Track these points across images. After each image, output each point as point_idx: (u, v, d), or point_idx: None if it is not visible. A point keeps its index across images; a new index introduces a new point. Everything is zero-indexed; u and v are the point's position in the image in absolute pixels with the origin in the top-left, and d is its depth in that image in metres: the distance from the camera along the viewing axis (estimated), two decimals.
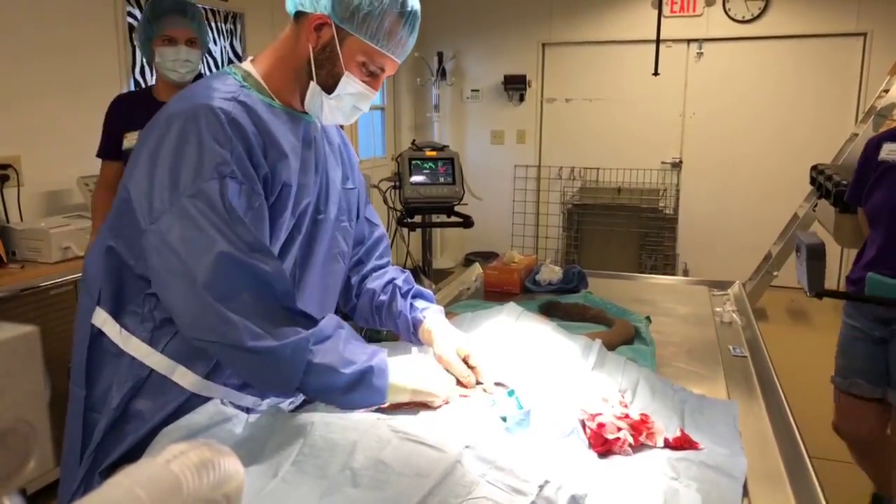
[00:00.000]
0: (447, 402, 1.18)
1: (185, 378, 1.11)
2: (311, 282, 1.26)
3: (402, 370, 1.15)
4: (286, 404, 1.22)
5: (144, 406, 1.10)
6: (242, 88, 1.14)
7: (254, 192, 1.07)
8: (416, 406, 1.16)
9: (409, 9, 1.15)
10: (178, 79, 2.27)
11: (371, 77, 1.18)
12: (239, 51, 4.14)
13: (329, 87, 1.17)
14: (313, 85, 1.17)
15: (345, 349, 1.08)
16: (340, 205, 1.33)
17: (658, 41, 2.81)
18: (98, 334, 1.13)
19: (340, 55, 1.14)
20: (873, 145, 2.23)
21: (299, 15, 1.17)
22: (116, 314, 1.12)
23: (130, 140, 2.21)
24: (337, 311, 1.46)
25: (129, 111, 2.30)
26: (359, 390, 1.08)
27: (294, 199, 1.16)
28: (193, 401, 1.11)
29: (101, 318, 1.13)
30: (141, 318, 1.10)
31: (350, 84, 1.16)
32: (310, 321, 1.07)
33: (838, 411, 2.33)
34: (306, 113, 1.23)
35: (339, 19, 1.12)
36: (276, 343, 1.01)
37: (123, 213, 1.08)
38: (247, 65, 1.21)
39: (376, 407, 1.12)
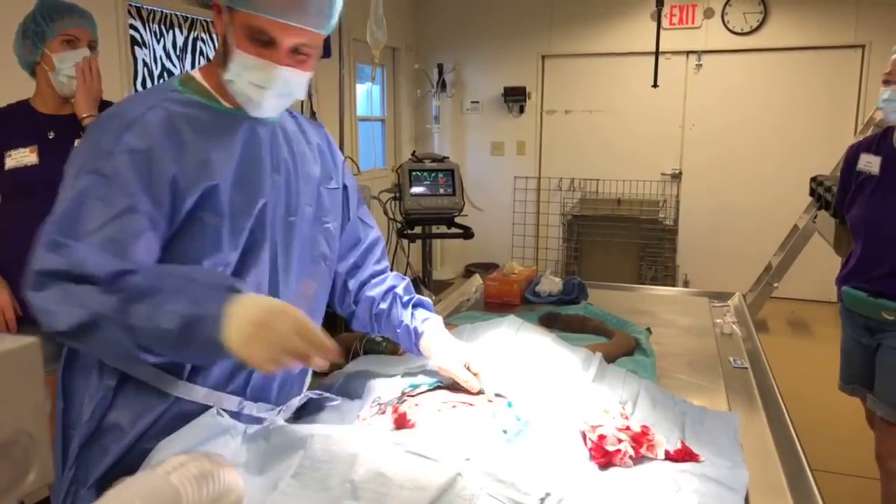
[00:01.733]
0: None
1: (168, 383, 1.10)
2: (292, 286, 1.23)
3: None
4: (283, 417, 1.22)
5: (120, 417, 1.09)
6: (174, 93, 1.13)
7: (125, 194, 1.03)
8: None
9: None
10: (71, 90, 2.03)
11: (266, 48, 1.09)
12: None
13: (228, 70, 1.12)
14: (221, 73, 1.13)
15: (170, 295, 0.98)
16: (320, 205, 1.29)
17: (657, 53, 2.82)
18: (72, 353, 1.13)
19: (231, 34, 1.10)
20: (853, 153, 2.24)
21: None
22: None
23: (15, 158, 2.00)
24: (331, 314, 1.45)
25: (8, 127, 2.05)
26: (193, 334, 0.96)
27: (240, 198, 1.12)
28: (176, 406, 1.10)
29: None
30: None
31: (239, 58, 1.09)
32: (119, 279, 1.00)
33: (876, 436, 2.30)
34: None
35: None
36: (86, 315, 0.96)
37: None
38: (195, 70, 1.20)
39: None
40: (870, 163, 2.14)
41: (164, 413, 1.10)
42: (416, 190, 3.77)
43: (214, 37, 3.92)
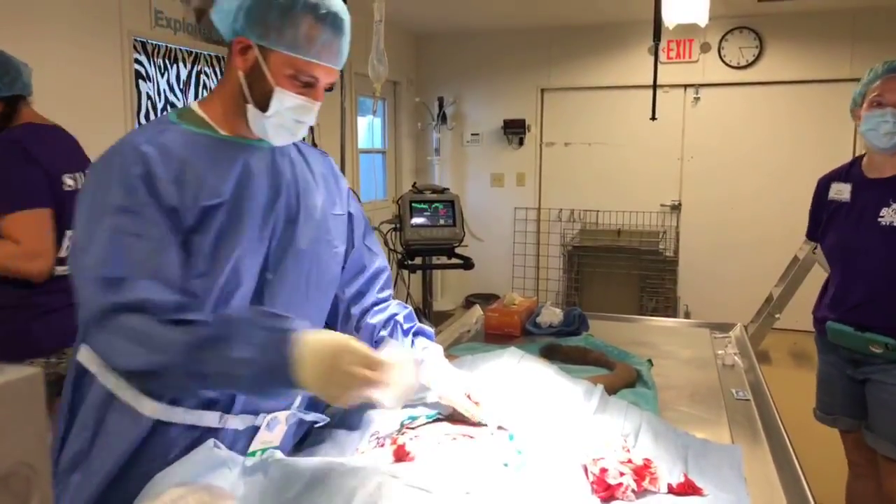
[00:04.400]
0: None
1: (148, 407, 1.09)
2: (292, 303, 1.23)
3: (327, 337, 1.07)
4: (280, 448, 1.21)
5: (105, 444, 1.10)
6: (171, 125, 1.16)
7: (151, 223, 1.07)
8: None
9: (323, 11, 1.14)
10: None
11: (307, 87, 1.17)
12: None
13: (264, 106, 1.16)
14: (250, 108, 1.17)
15: (243, 336, 1.03)
16: (324, 231, 1.31)
17: (655, 87, 2.86)
18: (82, 371, 1.13)
19: (268, 72, 1.14)
20: (823, 184, 2.25)
21: (230, 44, 1.18)
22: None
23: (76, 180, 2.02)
24: None
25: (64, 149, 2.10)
26: (267, 371, 1.00)
27: (229, 219, 1.14)
28: (157, 432, 1.10)
29: (85, 355, 1.13)
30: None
31: (284, 98, 1.16)
32: (193, 324, 1.04)
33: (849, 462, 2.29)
34: (261, 140, 1.23)
35: (256, 37, 1.13)
36: (158, 358, 1.01)
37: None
38: (192, 103, 1.24)
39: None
40: (840, 191, 2.15)
41: (146, 440, 1.10)
42: (417, 221, 3.79)
43: (218, 70, 3.98)
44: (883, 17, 4.94)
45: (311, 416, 1.27)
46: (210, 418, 1.14)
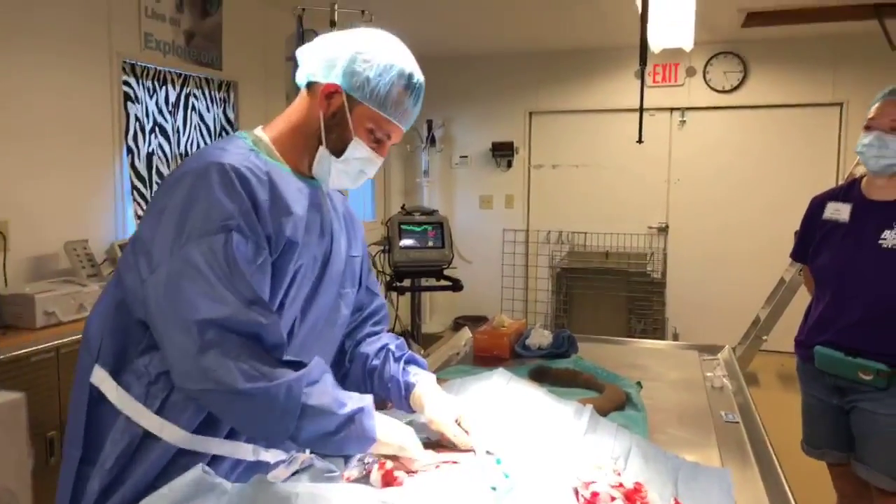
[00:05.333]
0: (425, 469, 1.16)
1: (174, 434, 1.09)
2: (307, 342, 1.26)
3: (389, 424, 1.18)
4: (270, 476, 1.19)
5: (137, 468, 1.08)
6: (252, 151, 1.18)
7: (259, 246, 1.10)
8: (397, 466, 1.15)
9: (414, 81, 1.23)
10: None
11: (378, 143, 1.24)
12: (232, 118, 4.22)
13: (338, 151, 1.22)
14: (322, 149, 1.22)
15: (335, 392, 1.11)
16: (345, 271, 1.34)
17: (641, 110, 2.89)
18: (98, 394, 1.11)
19: (350, 121, 1.20)
20: (817, 204, 2.22)
21: (311, 85, 1.23)
22: (116, 372, 1.11)
23: None
24: None
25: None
26: (351, 433, 1.10)
27: (297, 258, 1.18)
28: (178, 459, 1.09)
29: (100, 377, 1.11)
30: (137, 374, 1.10)
31: (358, 149, 1.22)
32: (301, 366, 1.08)
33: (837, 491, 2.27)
34: (313, 178, 1.27)
35: (350, 88, 1.19)
36: (270, 384, 1.02)
37: (130, 267, 1.10)
38: (258, 131, 1.26)
39: (362, 465, 1.12)
40: (838, 210, 2.12)
41: (167, 467, 1.09)
42: (406, 243, 3.79)
43: (207, 93, 3.98)
44: (864, 42, 5.03)
45: (323, 464, 1.26)
46: (244, 450, 1.15)
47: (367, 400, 1.14)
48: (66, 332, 2.53)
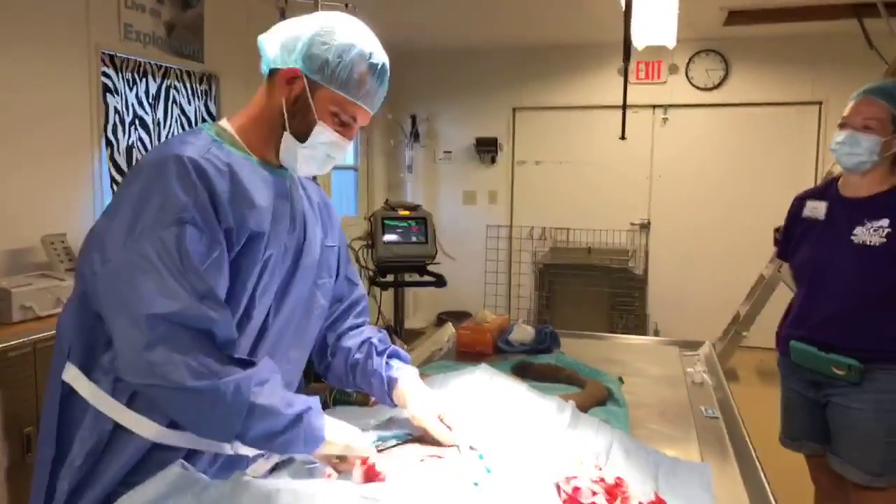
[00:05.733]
0: (367, 464, 1.15)
1: (149, 429, 1.08)
2: (283, 333, 1.25)
3: (335, 424, 1.15)
4: (250, 469, 1.18)
5: (108, 466, 1.07)
6: (215, 142, 1.16)
7: (214, 240, 1.07)
8: (342, 464, 1.15)
9: (376, 61, 1.20)
10: None
11: (343, 126, 1.21)
12: (213, 111, 4.18)
13: (302, 136, 1.19)
14: (287, 135, 1.19)
15: (284, 392, 1.09)
16: (320, 261, 1.32)
17: (624, 107, 2.91)
18: (69, 391, 1.10)
19: (313, 105, 1.18)
20: (798, 202, 2.27)
21: (272, 73, 1.21)
22: (87, 368, 1.09)
23: None
24: (310, 369, 1.44)
25: None
26: (299, 432, 1.08)
27: (265, 248, 1.16)
28: (153, 454, 1.08)
29: (72, 374, 1.10)
30: (104, 370, 1.08)
31: (323, 133, 1.19)
32: (250, 365, 1.07)
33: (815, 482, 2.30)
34: (282, 168, 1.24)
35: (310, 72, 1.16)
36: (218, 381, 1.00)
37: (86, 261, 1.08)
38: (222, 122, 1.23)
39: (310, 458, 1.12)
40: (815, 208, 2.16)
41: (143, 460, 1.08)
42: (389, 238, 3.78)
43: (188, 85, 3.94)
44: (842, 42, 5.09)
45: (303, 456, 1.26)
46: (221, 444, 1.13)
47: (315, 401, 1.12)
48: (44, 326, 2.49)
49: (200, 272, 1.03)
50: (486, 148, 6.21)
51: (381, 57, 1.21)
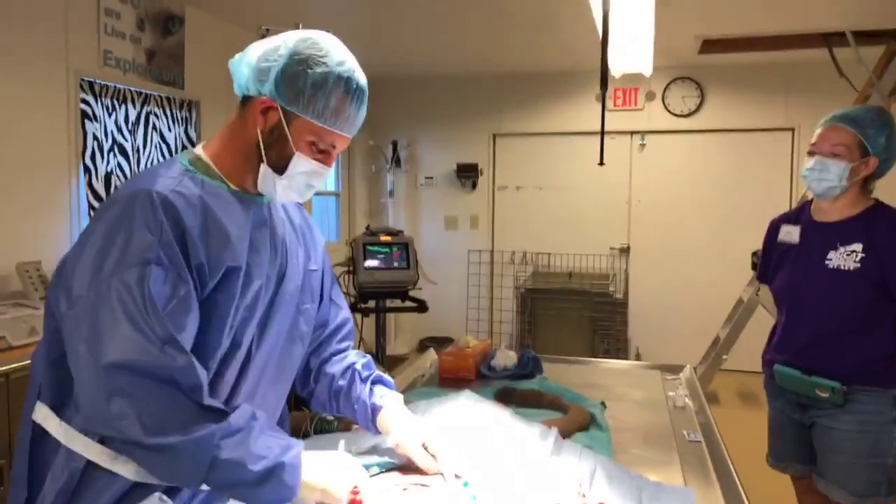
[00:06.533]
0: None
1: (125, 466, 1.05)
2: (266, 363, 1.22)
3: (316, 467, 1.09)
4: (232, 500, 1.16)
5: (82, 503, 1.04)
6: (187, 173, 1.13)
7: (180, 279, 1.04)
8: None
9: (354, 86, 1.15)
10: None
11: (322, 154, 1.17)
12: (193, 137, 4.16)
13: (280, 167, 1.15)
14: (264, 167, 1.15)
15: (256, 443, 1.03)
16: (303, 287, 1.30)
17: (602, 133, 2.94)
18: (41, 433, 1.07)
19: (289, 136, 1.13)
20: (773, 227, 2.30)
21: (246, 99, 1.17)
22: (58, 406, 1.07)
23: None
24: (293, 395, 1.42)
25: None
26: (268, 486, 1.03)
27: (243, 281, 1.13)
28: (132, 491, 1.05)
29: (42, 414, 1.07)
30: (76, 407, 1.04)
31: (301, 163, 1.15)
32: (220, 415, 1.02)
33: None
34: (260, 194, 1.21)
35: (284, 102, 1.12)
36: (177, 438, 0.97)
37: (55, 299, 1.06)
38: (198, 150, 1.20)
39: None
40: (790, 232, 2.19)
41: (121, 500, 1.05)
42: (371, 263, 3.77)
43: (168, 112, 3.93)
44: (814, 70, 5.21)
45: None
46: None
47: (292, 454, 1.06)
48: (17, 356, 2.44)
49: (162, 317, 1.00)
50: (467, 173, 6.25)
51: (357, 78, 1.16)
